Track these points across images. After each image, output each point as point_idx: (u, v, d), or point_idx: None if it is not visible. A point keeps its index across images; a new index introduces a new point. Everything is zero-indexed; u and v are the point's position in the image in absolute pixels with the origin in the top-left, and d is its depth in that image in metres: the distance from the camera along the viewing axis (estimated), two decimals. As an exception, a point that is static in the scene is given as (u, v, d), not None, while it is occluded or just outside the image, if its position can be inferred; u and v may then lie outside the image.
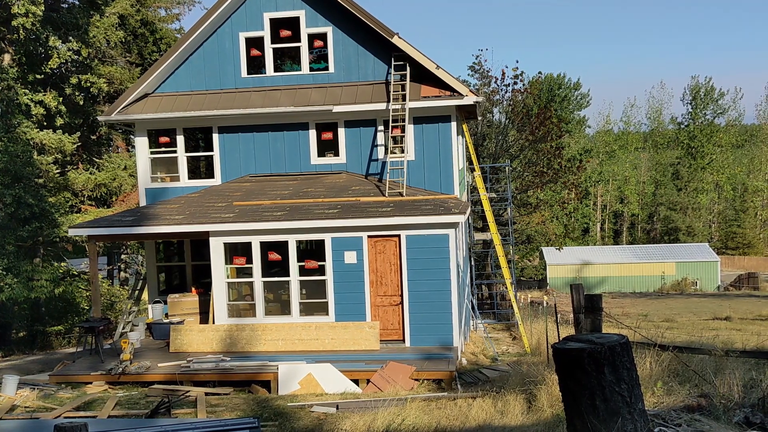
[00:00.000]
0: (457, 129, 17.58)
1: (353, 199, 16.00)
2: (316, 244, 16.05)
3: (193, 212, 16.12)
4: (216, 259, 15.67)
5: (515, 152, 31.29)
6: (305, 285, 15.73)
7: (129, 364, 14.39)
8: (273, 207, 15.98)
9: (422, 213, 14.78)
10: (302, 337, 15.08)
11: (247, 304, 16.00)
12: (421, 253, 14.89)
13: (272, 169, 17.88)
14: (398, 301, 15.19)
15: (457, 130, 17.95)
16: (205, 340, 15.46)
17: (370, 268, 15.22)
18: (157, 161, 18.44)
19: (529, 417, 9.05)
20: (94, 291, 16.77)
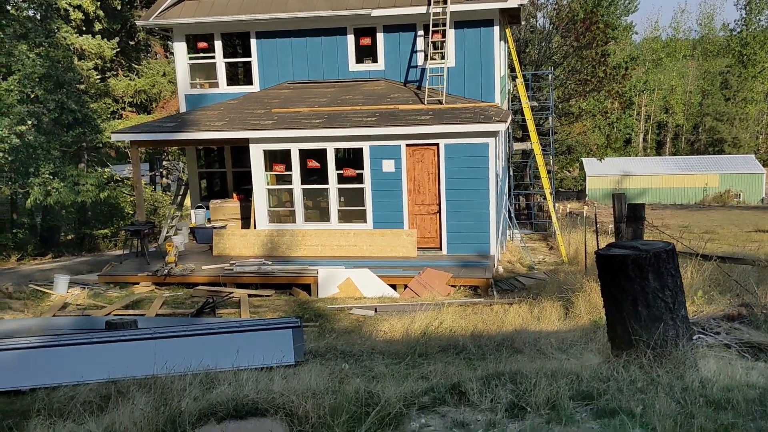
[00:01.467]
0: (499, 34, 17.03)
1: (391, 107, 15.81)
2: (355, 153, 16.03)
3: (233, 119, 16.15)
4: (256, 166, 15.81)
5: (558, 59, 30.34)
6: (344, 193, 15.82)
7: (174, 266, 14.85)
8: (311, 114, 15.90)
9: (461, 121, 14.57)
10: (341, 243, 15.32)
11: (287, 211, 16.21)
12: (460, 161, 14.79)
13: (310, 76, 17.69)
14: (436, 210, 15.24)
15: (500, 36, 17.39)
16: (247, 244, 15.82)
17: (408, 177, 15.21)
18: (196, 67, 18.35)
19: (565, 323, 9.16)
20: (138, 196, 17.14)
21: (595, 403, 4.15)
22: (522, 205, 30.47)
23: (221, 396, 4.75)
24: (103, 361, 7.45)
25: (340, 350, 8.02)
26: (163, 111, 30.10)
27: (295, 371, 6.29)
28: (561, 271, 15.02)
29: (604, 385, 4.32)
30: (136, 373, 6.82)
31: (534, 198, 28.96)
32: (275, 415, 4.42)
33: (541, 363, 5.76)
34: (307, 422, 4.27)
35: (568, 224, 22.41)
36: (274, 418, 4.40)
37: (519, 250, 18.63)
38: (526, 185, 29.17)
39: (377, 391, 4.64)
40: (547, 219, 24.82)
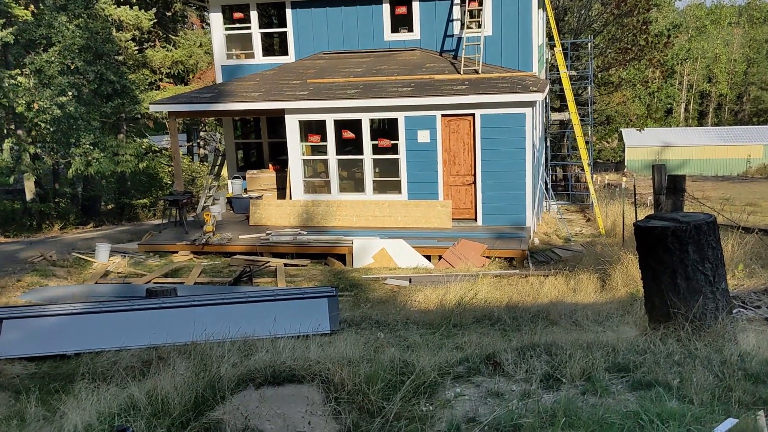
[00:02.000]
0: (538, 2, 16.71)
1: (427, 77, 15.68)
2: (389, 123, 15.98)
3: (269, 89, 16.19)
4: (292, 137, 15.88)
5: (598, 27, 29.67)
6: (378, 163, 15.82)
7: (212, 235, 15.07)
8: (346, 85, 15.86)
9: (498, 91, 14.39)
10: (375, 214, 15.37)
11: (322, 181, 16.29)
12: (496, 132, 14.65)
13: (345, 46, 17.61)
14: (471, 181, 15.16)
15: (538, 3, 17.06)
16: (283, 214, 15.97)
17: (443, 148, 15.14)
18: (232, 38, 18.40)
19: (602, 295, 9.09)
20: (176, 166, 17.37)
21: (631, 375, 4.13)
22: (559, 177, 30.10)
23: (259, 363, 4.85)
24: (144, 327, 7.64)
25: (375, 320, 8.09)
26: (200, 82, 30.33)
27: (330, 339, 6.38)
28: (598, 243, 14.87)
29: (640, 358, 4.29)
30: (176, 339, 7.00)
31: (571, 169, 28.58)
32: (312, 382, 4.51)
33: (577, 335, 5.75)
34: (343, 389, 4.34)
35: (605, 196, 22.11)
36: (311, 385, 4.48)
37: (555, 222, 18.47)
38: (564, 156, 28.79)
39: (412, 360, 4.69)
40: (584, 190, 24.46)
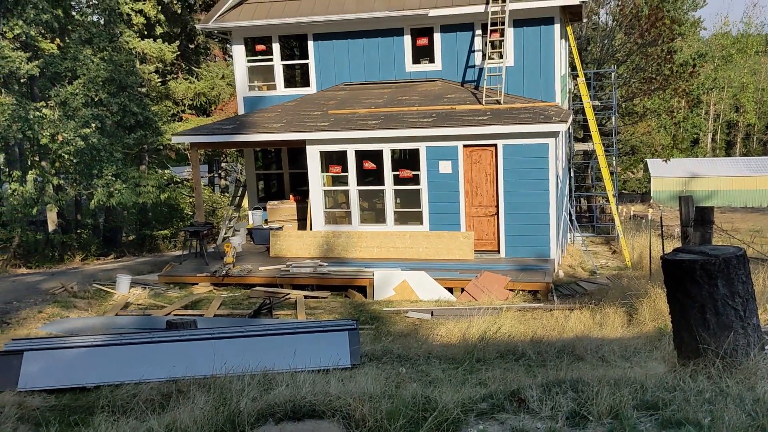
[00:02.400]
0: (560, 32, 16.79)
1: (448, 107, 15.77)
2: (411, 154, 16.04)
3: (290, 120, 16.38)
4: (312, 167, 16.00)
5: (622, 57, 29.71)
6: (400, 194, 15.87)
7: (232, 266, 15.14)
8: (367, 115, 16.00)
9: (520, 121, 14.42)
10: (396, 245, 15.36)
11: (343, 212, 16.34)
12: (519, 163, 14.65)
13: (366, 77, 17.80)
14: (493, 212, 15.13)
15: (561, 33, 17.15)
16: (303, 245, 16.02)
17: (465, 178, 15.15)
18: (254, 70, 18.69)
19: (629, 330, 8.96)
20: (197, 197, 17.55)
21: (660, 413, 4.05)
22: (583, 208, 29.94)
23: (279, 397, 4.83)
24: (164, 360, 7.66)
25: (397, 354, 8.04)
26: (222, 113, 30.77)
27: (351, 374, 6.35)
28: (624, 276, 14.71)
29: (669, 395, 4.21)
30: (196, 372, 7.00)
31: (596, 200, 28.43)
32: (332, 418, 4.47)
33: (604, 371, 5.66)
34: (364, 426, 4.30)
35: (631, 227, 21.92)
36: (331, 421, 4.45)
37: (580, 254, 18.32)
38: (588, 187, 28.64)
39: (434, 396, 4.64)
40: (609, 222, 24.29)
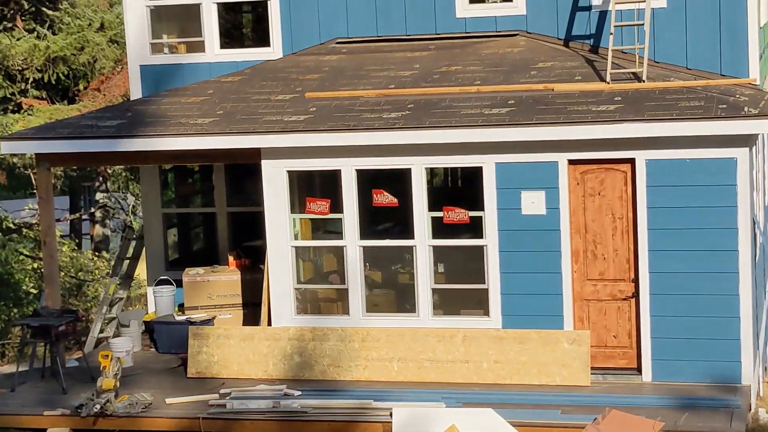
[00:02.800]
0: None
1: (539, 86, 15.74)
2: (466, 177, 15.95)
3: (230, 111, 16.37)
4: (273, 202, 15.90)
5: None
6: (443, 255, 15.77)
7: (113, 397, 14.92)
8: (381, 102, 15.98)
9: (681, 115, 14.30)
10: (437, 357, 15.14)
11: (333, 291, 16.23)
12: (679, 195, 14.51)
13: (380, 30, 17.93)
14: (629, 292, 14.96)
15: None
16: (254, 355, 15.83)
17: (572, 225, 15.03)
18: (163, 13, 18.78)
19: None
20: (48, 261, 17.40)
21: None
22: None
23: None
24: None
25: None
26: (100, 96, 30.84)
27: None
28: None
29: None
30: None
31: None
32: None
33: None
34: None
35: None
36: None
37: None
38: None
39: None
40: None
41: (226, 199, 19.18)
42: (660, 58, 16.49)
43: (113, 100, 28.96)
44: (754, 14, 16.47)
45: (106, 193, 35.28)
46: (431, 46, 17.54)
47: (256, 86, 17.23)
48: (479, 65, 16.68)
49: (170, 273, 18.76)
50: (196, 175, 19.78)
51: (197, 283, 18.00)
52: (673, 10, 16.49)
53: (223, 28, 18.65)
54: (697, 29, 16.45)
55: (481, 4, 17.48)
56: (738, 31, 16.31)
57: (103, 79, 31.33)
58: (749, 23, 16.33)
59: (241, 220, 18.98)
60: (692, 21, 16.47)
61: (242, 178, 18.69)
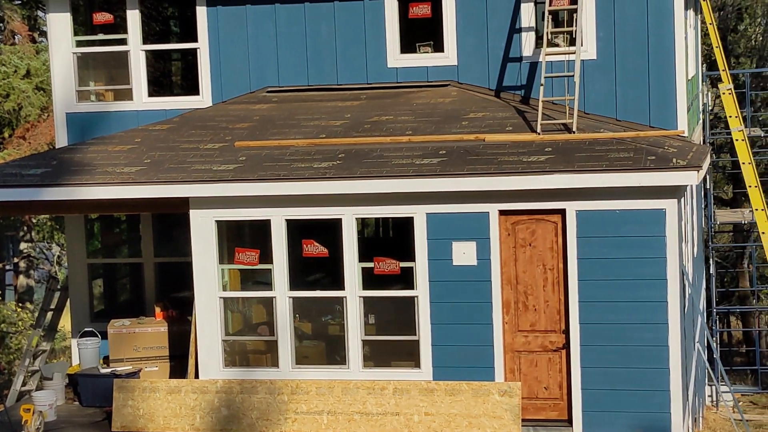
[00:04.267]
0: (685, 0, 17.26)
1: (470, 137, 15.91)
2: (397, 228, 16.05)
3: (158, 160, 16.37)
4: (202, 253, 15.92)
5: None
6: (375, 306, 15.83)
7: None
8: (311, 151, 16.06)
9: (611, 167, 14.52)
10: (367, 410, 15.17)
11: (262, 342, 16.23)
12: (609, 247, 14.71)
13: (311, 79, 18.06)
14: (559, 343, 15.11)
15: (686, 1, 17.53)
16: (181, 409, 15.76)
17: (503, 276, 15.15)
18: (90, 60, 18.78)
19: None
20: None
21: None
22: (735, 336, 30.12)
23: None
24: None
25: None
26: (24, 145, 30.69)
27: None
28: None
29: None
30: None
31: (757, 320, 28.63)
32: None
33: None
34: None
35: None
36: None
37: (730, 427, 18.25)
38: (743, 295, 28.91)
39: None
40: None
41: (154, 249, 19.12)
42: (590, 109, 16.78)
43: (39, 148, 28.86)
44: (682, 67, 16.85)
45: (30, 242, 35.01)
46: (362, 95, 17.68)
47: (184, 135, 17.25)
48: (411, 115, 16.84)
49: (95, 324, 18.60)
50: (123, 225, 19.75)
51: (123, 335, 17.93)
52: (602, 62, 16.81)
53: (152, 75, 18.70)
54: (627, 81, 16.77)
55: (413, 54, 17.64)
56: (666, 84, 16.65)
57: (28, 126, 31.18)
58: (677, 76, 16.68)
59: (169, 270, 18.94)
60: (622, 73, 16.79)
61: (170, 228, 18.71)
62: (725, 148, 27.10)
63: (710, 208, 23.41)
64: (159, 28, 19.15)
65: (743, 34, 30.45)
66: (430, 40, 17.69)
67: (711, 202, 23.67)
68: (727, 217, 24.90)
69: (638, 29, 16.68)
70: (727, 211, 25.21)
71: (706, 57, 22.34)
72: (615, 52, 16.77)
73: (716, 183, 27.15)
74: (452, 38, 17.44)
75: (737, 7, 30.38)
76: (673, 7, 16.58)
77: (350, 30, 17.74)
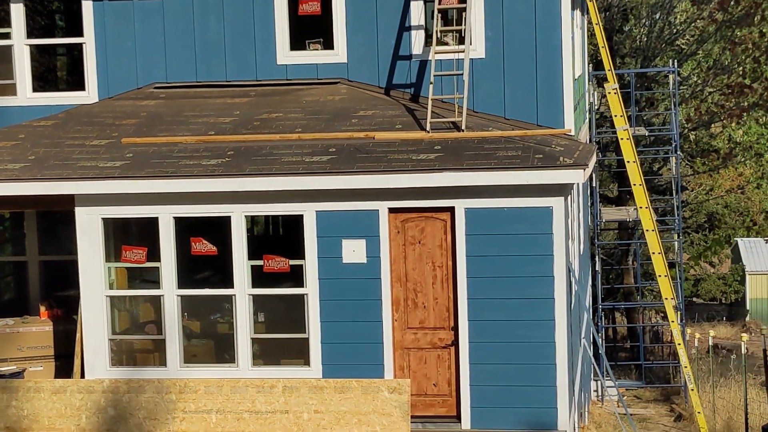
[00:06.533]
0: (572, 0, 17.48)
1: (360, 134, 15.95)
2: (287, 226, 16.05)
3: (43, 157, 16.14)
4: (88, 251, 15.75)
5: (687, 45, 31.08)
6: (264, 305, 15.82)
7: None
8: (200, 149, 15.98)
9: (499, 165, 14.69)
10: (256, 408, 15.14)
11: (149, 341, 16.12)
12: (497, 244, 14.85)
13: (199, 75, 17.99)
14: (448, 340, 15.22)
15: (573, 2, 17.78)
16: (66, 409, 15.56)
17: (393, 274, 15.23)
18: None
19: None
20: None
21: None
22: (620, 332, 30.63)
23: None
24: None
25: None
26: None
27: None
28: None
29: None
30: None
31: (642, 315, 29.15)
32: None
33: None
34: None
35: (711, 369, 22.45)
36: None
37: (615, 422, 18.55)
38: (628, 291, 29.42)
39: None
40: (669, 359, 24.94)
41: (39, 247, 18.93)
42: (479, 107, 16.93)
43: None
44: (568, 66, 17.06)
45: None
46: (252, 92, 17.64)
47: (70, 131, 17.02)
48: (300, 113, 16.83)
49: (-23, 324, 18.44)
50: (6, 222, 19.46)
51: (6, 335, 17.66)
52: (491, 61, 16.95)
53: (37, 70, 18.47)
54: (515, 80, 16.93)
55: (302, 51, 17.63)
56: (553, 83, 16.87)
57: None
58: (564, 75, 16.89)
59: (54, 268, 18.70)
60: (510, 72, 16.95)
61: (55, 226, 18.46)
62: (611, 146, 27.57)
63: (596, 206, 23.79)
64: (44, 23, 18.92)
65: (629, 35, 30.93)
66: (320, 38, 17.70)
67: (597, 200, 24.06)
68: (613, 215, 25.34)
69: (526, 29, 16.87)
70: (612, 209, 25.64)
71: (593, 57, 22.69)
72: (503, 51, 16.94)
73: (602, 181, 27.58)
74: (342, 36, 17.47)
75: (623, 8, 30.85)
76: (560, 7, 16.80)
77: (239, 26, 17.69)
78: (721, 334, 36.12)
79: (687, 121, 30.68)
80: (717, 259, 48.91)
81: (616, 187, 28.71)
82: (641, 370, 25.41)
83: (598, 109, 24.08)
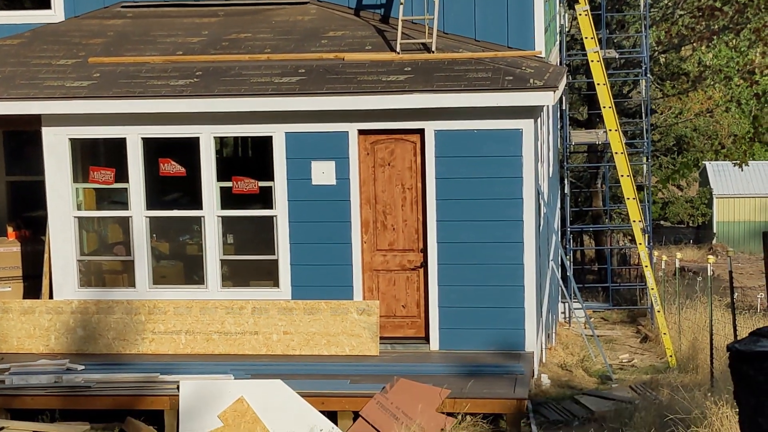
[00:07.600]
0: None
1: (330, 55, 15.89)
2: (256, 147, 16.00)
3: (9, 76, 16.02)
4: (55, 172, 15.68)
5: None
6: (233, 226, 15.84)
7: None
8: (168, 69, 15.89)
9: (470, 86, 14.69)
10: (226, 329, 15.22)
11: (118, 263, 16.12)
12: (466, 166, 14.88)
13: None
14: (417, 262, 15.30)
15: None
16: (35, 329, 15.62)
17: (362, 196, 15.24)
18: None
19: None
20: None
21: None
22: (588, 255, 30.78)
23: None
24: None
25: None
26: None
27: None
28: (664, 383, 15.12)
29: None
30: None
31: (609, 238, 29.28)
32: None
33: None
34: None
35: (677, 291, 22.65)
36: None
37: (582, 342, 18.73)
38: (596, 214, 29.55)
39: None
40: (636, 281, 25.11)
41: (5, 167, 18.83)
42: (449, 29, 16.81)
43: None
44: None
45: None
46: (220, 12, 17.49)
47: (36, 50, 16.86)
48: (270, 33, 16.73)
49: (-55, 245, 18.37)
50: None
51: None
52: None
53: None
54: (485, 1, 16.84)
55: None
56: (524, 4, 16.70)
57: None
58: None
59: (21, 189, 18.59)
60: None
61: (22, 146, 18.35)
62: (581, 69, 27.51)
63: (566, 129, 23.81)
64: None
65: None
66: (289, -44, 17.62)
67: (567, 123, 24.08)
68: (582, 138, 25.37)
69: (497, -50, 16.80)
70: (581, 131, 25.65)
71: (564, -22, 22.54)
72: (474, -27, 16.88)
73: (572, 104, 27.56)
74: (311, -45, 17.39)
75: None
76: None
77: (208, -56, 17.59)
78: (688, 257, 36.40)
79: (657, 43, 30.63)
80: (685, 182, 49.24)
81: (585, 110, 28.70)
82: (608, 293, 25.61)
83: (568, 31, 24.01)
